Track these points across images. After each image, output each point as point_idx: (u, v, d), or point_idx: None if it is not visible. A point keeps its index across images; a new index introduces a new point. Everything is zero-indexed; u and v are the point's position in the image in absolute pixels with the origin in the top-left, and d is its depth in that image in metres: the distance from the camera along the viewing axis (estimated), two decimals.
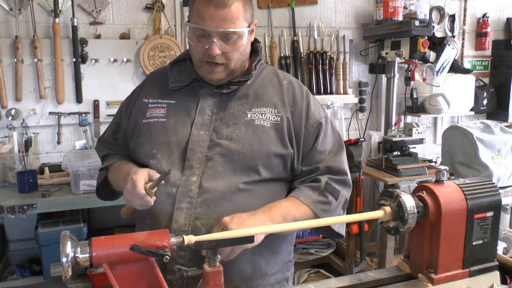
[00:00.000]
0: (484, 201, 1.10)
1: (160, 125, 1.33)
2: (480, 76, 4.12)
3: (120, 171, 1.37)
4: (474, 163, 3.13)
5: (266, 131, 1.30)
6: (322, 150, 1.35)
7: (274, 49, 3.36)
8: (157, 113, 1.35)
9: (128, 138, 1.43)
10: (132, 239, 0.89)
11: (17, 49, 2.75)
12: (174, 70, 1.40)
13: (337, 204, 1.33)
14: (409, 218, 1.04)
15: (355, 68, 3.73)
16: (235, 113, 1.32)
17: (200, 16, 1.21)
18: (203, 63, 1.28)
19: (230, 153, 1.27)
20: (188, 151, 1.28)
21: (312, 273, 3.45)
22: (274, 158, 1.30)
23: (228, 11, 1.20)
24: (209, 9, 1.20)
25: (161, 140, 1.31)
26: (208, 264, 0.98)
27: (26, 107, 2.84)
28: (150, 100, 1.39)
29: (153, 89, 1.42)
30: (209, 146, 1.28)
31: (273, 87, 1.38)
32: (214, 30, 1.21)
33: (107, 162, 1.47)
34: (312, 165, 1.34)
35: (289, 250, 1.45)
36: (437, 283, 1.08)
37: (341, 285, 1.10)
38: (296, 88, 1.40)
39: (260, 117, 1.32)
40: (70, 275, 0.87)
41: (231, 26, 1.22)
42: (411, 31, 3.02)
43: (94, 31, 3.00)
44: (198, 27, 1.22)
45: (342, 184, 1.34)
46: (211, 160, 1.27)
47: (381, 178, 3.11)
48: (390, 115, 3.52)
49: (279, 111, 1.33)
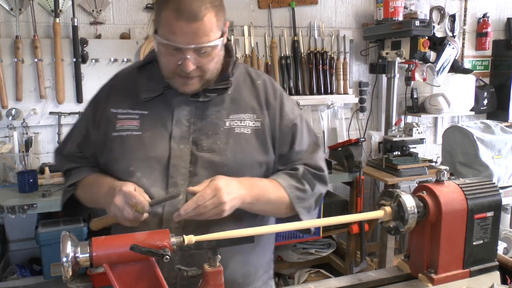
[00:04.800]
0: (484, 201, 1.10)
1: (135, 139, 1.23)
2: (480, 76, 4.12)
3: (97, 186, 1.26)
4: (474, 163, 3.13)
5: (248, 138, 1.25)
6: (299, 150, 1.32)
7: (275, 49, 3.36)
8: (129, 125, 1.25)
9: (98, 151, 1.31)
10: (132, 239, 0.89)
11: (18, 49, 2.75)
12: (142, 76, 1.29)
13: (312, 195, 1.31)
14: (410, 218, 1.04)
15: (356, 68, 3.73)
16: (213, 121, 1.25)
17: (170, 30, 1.12)
18: (175, 75, 1.20)
19: (214, 166, 1.21)
20: (171, 167, 1.21)
21: (312, 273, 3.45)
22: (258, 166, 1.27)
23: (201, 24, 1.11)
24: (180, 23, 1.10)
25: (139, 156, 1.22)
26: (208, 264, 0.98)
27: (26, 107, 2.84)
28: (119, 111, 1.28)
29: (121, 97, 1.30)
30: (191, 160, 1.22)
31: (248, 89, 1.32)
32: (187, 47, 1.13)
33: (76, 177, 1.34)
34: (289, 164, 1.32)
35: (272, 249, 1.44)
36: (437, 283, 1.08)
37: (342, 285, 1.10)
38: (269, 88, 1.34)
39: (239, 124, 1.26)
40: (70, 275, 0.87)
41: (205, 39, 1.13)
42: (412, 31, 3.02)
43: (95, 31, 3.00)
44: (169, 44, 1.13)
45: (318, 179, 1.32)
46: (195, 175, 1.21)
47: (381, 178, 3.11)
48: (390, 115, 3.52)
49: (258, 116, 1.28)
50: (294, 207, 1.26)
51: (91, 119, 1.33)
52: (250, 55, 3.30)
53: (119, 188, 1.12)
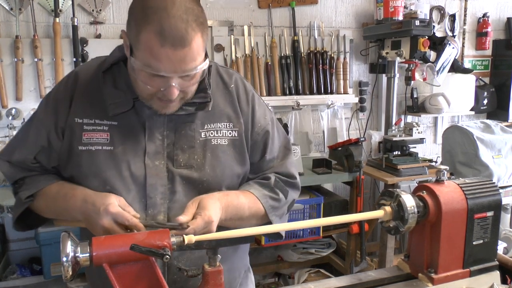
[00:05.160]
0: (484, 200, 1.10)
1: (106, 155, 1.14)
2: (480, 76, 4.12)
3: (65, 199, 1.15)
4: (474, 163, 3.13)
5: (225, 150, 1.20)
6: (270, 158, 1.29)
7: (275, 48, 3.36)
8: (98, 138, 1.15)
9: (61, 164, 1.20)
10: (132, 238, 0.90)
11: (18, 49, 2.75)
12: (108, 83, 1.16)
13: (285, 203, 1.28)
14: (409, 217, 1.04)
15: (356, 68, 3.73)
16: (188, 133, 1.18)
17: (153, 56, 0.99)
18: (154, 98, 1.09)
19: (192, 182, 1.16)
20: (148, 186, 1.14)
21: (312, 273, 3.45)
22: (236, 178, 1.24)
23: (189, 50, 1.00)
24: (165, 50, 0.98)
25: (112, 174, 1.13)
26: (208, 264, 0.98)
27: (26, 106, 2.83)
28: (84, 121, 1.16)
29: (85, 105, 1.17)
30: (168, 177, 1.15)
31: (222, 94, 1.24)
32: (175, 77, 1.03)
33: (32, 188, 1.21)
34: (259, 173, 1.29)
35: (247, 249, 1.43)
36: (437, 282, 1.08)
37: (341, 284, 1.10)
38: (241, 92, 1.27)
39: (216, 135, 1.20)
40: (70, 274, 0.87)
41: (192, 65, 1.03)
42: (412, 30, 3.01)
43: (95, 31, 3.00)
44: (152, 72, 1.01)
45: (290, 186, 1.30)
46: (174, 192, 1.15)
47: (381, 178, 3.11)
48: (390, 114, 3.52)
49: (234, 125, 1.22)
50: (267, 216, 1.24)
51: (52, 128, 1.19)
52: (250, 55, 3.30)
53: (104, 208, 1.04)
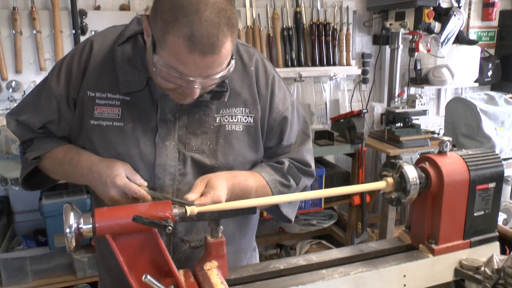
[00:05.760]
0: (486, 172, 1.10)
1: (116, 131, 1.13)
2: (485, 47, 4.06)
3: (71, 164, 1.15)
4: (477, 135, 3.13)
5: (239, 137, 1.17)
6: (287, 144, 1.26)
7: (277, 20, 3.31)
8: (110, 113, 1.13)
9: (72, 135, 1.20)
10: (134, 210, 0.90)
11: (15, 21, 2.71)
12: (123, 57, 1.12)
13: (296, 189, 1.27)
14: (411, 189, 1.04)
15: (359, 40, 3.67)
16: (202, 118, 1.15)
17: (180, 61, 0.95)
18: (174, 91, 1.06)
19: (203, 167, 1.15)
20: (157, 167, 1.13)
21: (313, 244, 3.50)
22: (249, 165, 1.22)
23: (218, 57, 0.95)
24: (193, 56, 0.93)
25: (121, 152, 1.12)
26: (211, 235, 0.99)
27: (26, 79, 2.82)
28: (97, 94, 1.13)
29: (99, 78, 1.14)
30: (180, 158, 1.14)
31: (239, 76, 1.19)
32: (199, 79, 0.98)
33: (40, 150, 1.20)
34: (274, 158, 1.27)
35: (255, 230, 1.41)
36: (438, 253, 1.08)
37: (343, 255, 1.11)
38: (261, 76, 1.21)
39: (230, 121, 1.17)
40: (74, 246, 0.87)
41: (219, 69, 0.99)
42: (416, 1, 2.97)
43: (94, 3, 2.95)
44: (177, 75, 0.97)
45: (304, 174, 1.28)
46: (185, 175, 1.14)
47: (383, 150, 3.11)
48: (393, 86, 3.50)
49: (250, 111, 1.18)
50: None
51: (63, 99, 1.16)
52: (251, 27, 3.25)
53: (111, 180, 1.05)
